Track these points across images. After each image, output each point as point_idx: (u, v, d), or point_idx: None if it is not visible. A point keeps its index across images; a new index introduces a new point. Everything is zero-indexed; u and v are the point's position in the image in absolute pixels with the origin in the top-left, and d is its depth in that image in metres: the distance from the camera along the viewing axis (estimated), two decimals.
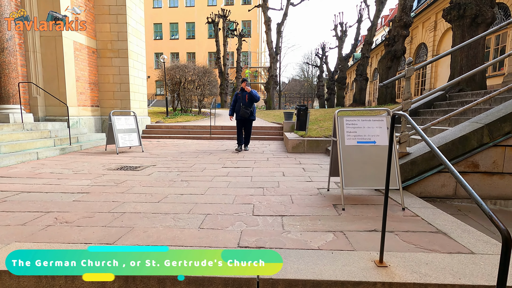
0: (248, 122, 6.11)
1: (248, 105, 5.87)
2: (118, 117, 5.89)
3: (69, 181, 3.49)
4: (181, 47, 34.52)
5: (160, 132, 8.91)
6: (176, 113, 14.95)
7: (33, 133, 5.60)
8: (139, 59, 8.71)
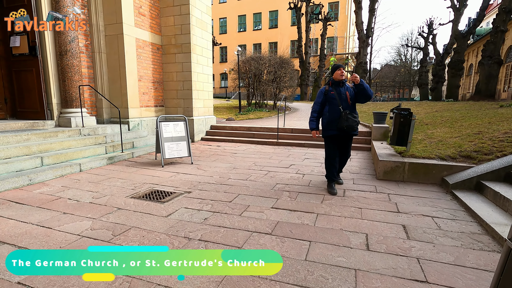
0: (349, 140, 3.70)
1: (352, 109, 3.52)
2: (166, 123, 5.10)
3: (69, 219, 2.69)
4: (263, 37, 33.84)
5: (223, 134, 8.05)
6: (250, 109, 14.10)
7: (87, 139, 5.34)
8: (204, 53, 7.93)
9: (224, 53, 35.89)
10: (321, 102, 3.64)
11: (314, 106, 3.70)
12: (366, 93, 3.45)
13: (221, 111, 14.55)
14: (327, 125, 3.57)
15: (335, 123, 3.49)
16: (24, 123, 5.27)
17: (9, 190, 3.55)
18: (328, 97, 3.57)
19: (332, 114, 3.51)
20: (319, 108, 3.66)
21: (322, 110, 3.66)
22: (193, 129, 7.57)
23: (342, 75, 3.49)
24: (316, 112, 3.68)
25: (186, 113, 7.62)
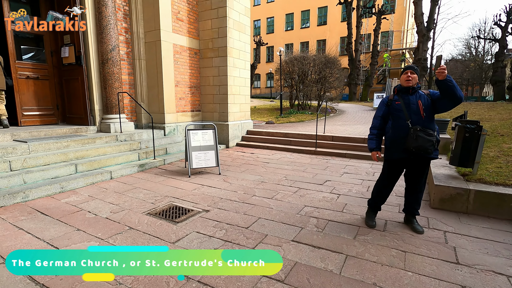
0: (422, 166, 2.73)
1: (427, 123, 2.58)
2: (194, 132, 4.94)
3: (78, 239, 2.58)
4: (311, 35, 32.71)
5: (258, 140, 7.71)
6: (292, 111, 13.56)
7: (122, 145, 5.46)
8: (242, 56, 7.69)
9: (271, 53, 35.64)
10: (382, 115, 2.78)
11: (374, 121, 2.87)
12: (454, 95, 2.39)
13: (262, 113, 14.27)
14: (391, 146, 2.71)
15: (400, 143, 2.60)
16: (69, 129, 5.60)
17: (41, 197, 3.69)
18: (392, 108, 2.69)
19: (397, 131, 2.64)
20: (380, 123, 2.81)
21: (384, 126, 2.81)
22: (228, 135, 7.38)
23: (409, 80, 2.59)
24: (376, 128, 2.84)
25: (221, 118, 7.47)
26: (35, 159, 4.18)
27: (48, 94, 6.24)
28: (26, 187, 3.68)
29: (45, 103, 6.22)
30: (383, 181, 2.89)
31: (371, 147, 2.86)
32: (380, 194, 2.93)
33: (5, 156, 4.08)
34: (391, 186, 2.88)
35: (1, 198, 3.35)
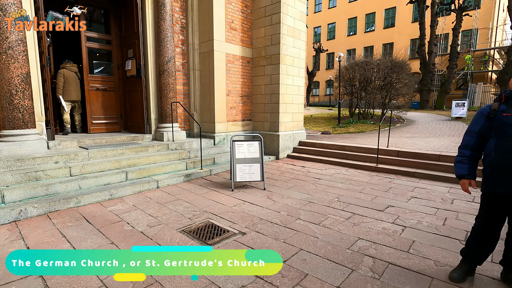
0: None
1: None
2: (240, 143, 4.70)
3: None
4: (376, 39, 30.50)
5: (311, 152, 7.14)
6: (351, 120, 12.55)
7: (172, 154, 5.54)
8: (295, 63, 7.29)
9: (331, 60, 34.36)
10: (480, 131, 2.06)
11: (466, 139, 2.14)
12: None
13: (318, 123, 13.55)
14: (493, 175, 1.96)
15: (509, 171, 1.88)
16: (127, 137, 5.94)
17: (91, 204, 3.84)
18: (497, 122, 1.96)
19: (505, 155, 1.88)
20: (476, 141, 2.08)
21: (483, 146, 2.07)
22: (278, 146, 7.02)
23: None
24: (469, 148, 2.11)
25: (272, 128, 7.16)
26: (92, 166, 4.44)
27: (113, 104, 6.79)
28: (80, 192, 3.88)
29: (111, 112, 6.77)
30: (483, 223, 2.09)
31: (461, 173, 2.11)
32: (479, 242, 2.12)
33: (68, 162, 4.43)
34: (493, 232, 2.06)
35: (57, 202, 3.56)
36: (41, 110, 4.73)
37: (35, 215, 3.39)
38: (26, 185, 3.71)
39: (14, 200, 3.48)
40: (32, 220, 3.29)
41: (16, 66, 4.15)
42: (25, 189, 3.58)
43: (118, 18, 6.63)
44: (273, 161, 6.93)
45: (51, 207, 3.51)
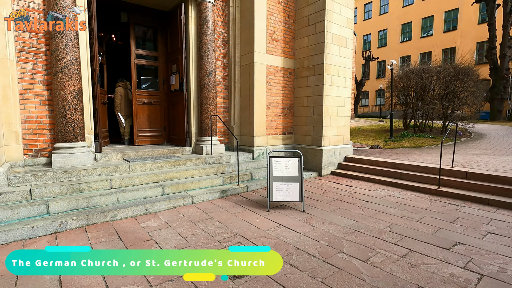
0: None
1: None
2: (277, 160, 4.38)
3: (126, 282, 2.37)
4: (434, 44, 27.95)
5: (358, 169, 6.48)
6: (406, 133, 11.39)
7: (210, 168, 5.44)
8: (341, 73, 6.79)
9: (382, 68, 32.42)
10: None
11: None
12: None
13: (367, 135, 12.57)
14: None
15: None
16: (168, 150, 6.03)
17: (127, 218, 3.84)
18: None
19: None
20: None
21: None
22: (321, 161, 6.51)
23: None
24: None
25: (314, 142, 6.70)
26: (131, 179, 4.51)
27: (158, 118, 7.03)
28: (117, 206, 3.91)
29: (155, 125, 7.01)
30: None
31: None
32: None
33: (110, 174, 4.57)
34: None
35: (95, 215, 3.61)
36: (90, 124, 5.01)
37: (74, 227, 3.46)
38: (69, 196, 3.86)
39: (58, 211, 3.62)
40: (70, 233, 3.36)
41: (69, 83, 4.46)
42: (68, 201, 3.71)
43: (165, 35, 6.93)
44: (315, 178, 6.44)
45: (89, 220, 3.57)
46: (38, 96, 4.53)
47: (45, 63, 4.53)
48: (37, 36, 4.46)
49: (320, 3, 6.35)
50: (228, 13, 6.66)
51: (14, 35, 4.25)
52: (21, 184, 3.88)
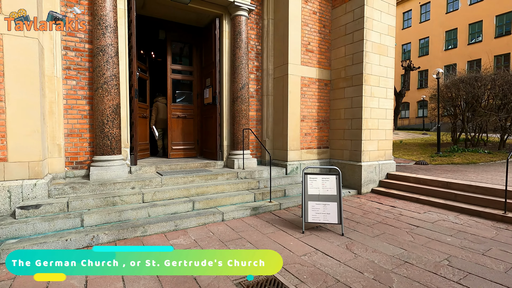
0: None
1: None
2: (313, 176, 4.05)
3: None
4: (484, 51, 25.73)
5: (403, 188, 5.87)
6: (455, 148, 10.35)
7: (241, 183, 5.26)
8: (382, 83, 6.33)
9: (424, 78, 30.49)
10: None
11: None
12: None
13: (410, 150, 11.63)
14: None
15: None
16: (200, 163, 5.98)
17: (156, 234, 3.75)
18: None
19: None
20: None
21: None
22: (360, 178, 6.02)
23: None
24: None
25: (353, 157, 6.24)
26: (163, 193, 4.46)
27: (191, 131, 7.08)
28: (148, 221, 3.85)
29: (189, 138, 7.06)
30: None
31: None
32: None
33: (143, 188, 4.57)
34: None
35: (125, 230, 3.57)
36: (127, 137, 5.12)
37: (105, 242, 3.44)
38: (103, 209, 3.89)
39: (91, 225, 3.64)
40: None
41: (108, 98, 4.61)
42: (102, 214, 3.73)
43: (200, 50, 7.05)
44: (353, 196, 5.95)
45: (120, 234, 3.53)
46: (80, 111, 4.73)
47: (88, 80, 4.75)
48: (81, 55, 4.71)
49: (358, 11, 6.04)
50: (262, 25, 6.60)
51: (61, 54, 4.53)
52: (60, 195, 4.00)
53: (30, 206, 3.58)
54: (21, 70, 3.67)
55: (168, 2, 5.54)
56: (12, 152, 3.65)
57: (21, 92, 3.68)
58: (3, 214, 3.61)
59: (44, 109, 4.12)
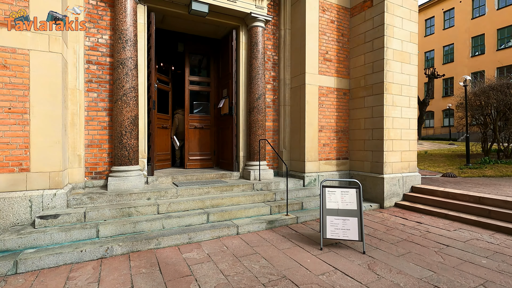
0: None
1: None
2: (332, 190, 3.87)
3: None
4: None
5: (429, 202, 5.50)
6: (486, 159, 9.71)
7: (257, 195, 5.13)
8: (404, 92, 6.06)
9: (449, 86, 29.29)
10: None
11: None
12: None
13: (436, 161, 11.03)
14: None
15: None
16: (216, 174, 5.93)
17: (170, 247, 3.69)
18: None
19: None
20: None
21: None
22: (382, 191, 5.72)
23: None
24: None
25: (374, 168, 5.96)
26: (178, 204, 4.43)
27: (208, 141, 7.09)
28: (162, 233, 3.81)
29: (205, 149, 7.07)
30: None
31: None
32: None
33: (158, 199, 4.56)
34: None
35: (139, 242, 3.54)
36: (144, 148, 5.18)
37: (119, 254, 3.42)
38: (119, 220, 3.90)
39: (106, 236, 3.64)
40: (115, 260, 3.30)
41: (127, 110, 4.70)
42: (117, 225, 3.73)
43: (217, 62, 7.12)
44: (375, 210, 5.64)
45: (134, 246, 3.50)
46: (101, 122, 4.86)
47: (108, 92, 4.89)
48: (103, 68, 4.86)
49: (378, 18, 5.87)
50: (279, 35, 6.59)
51: (84, 68, 4.70)
52: (78, 206, 4.06)
53: (49, 216, 3.65)
54: (45, 84, 3.82)
55: (186, 16, 5.65)
56: (34, 163, 3.77)
57: (45, 105, 3.81)
58: (24, 223, 3.70)
59: (66, 121, 4.25)
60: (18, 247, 3.25)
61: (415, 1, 6.27)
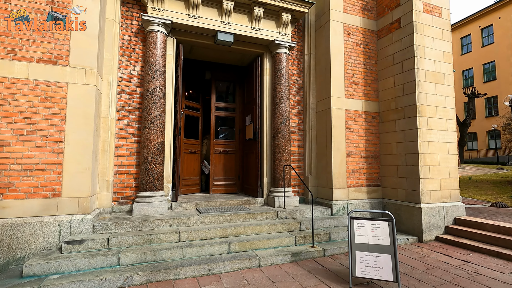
0: None
1: None
2: (361, 222, 3.56)
3: None
4: None
5: (477, 237, 4.87)
6: None
7: (281, 224, 4.90)
8: (440, 114, 5.65)
9: (492, 105, 27.22)
10: None
11: None
12: None
13: (483, 188, 9.98)
14: None
15: None
16: (239, 200, 5.81)
17: (188, 278, 3.57)
18: None
19: None
20: None
21: None
22: (420, 223, 5.20)
23: None
24: None
25: (409, 197, 5.48)
26: (199, 232, 4.34)
27: (233, 166, 7.07)
28: (181, 263, 3.71)
29: (230, 174, 7.04)
30: None
31: None
32: None
33: (180, 225, 4.52)
34: None
35: (159, 271, 3.47)
36: (170, 173, 5.26)
37: (137, 284, 3.36)
38: (140, 248, 3.88)
39: (127, 263, 3.62)
40: None
41: (154, 136, 4.85)
42: (138, 253, 3.71)
43: (241, 88, 7.25)
44: (413, 244, 5.11)
45: (153, 276, 3.43)
46: (129, 148, 5.04)
47: (137, 119, 5.11)
48: (133, 97, 5.13)
49: (407, 40, 5.67)
50: (303, 60, 6.59)
51: (116, 97, 4.99)
52: (103, 231, 4.13)
53: (75, 241, 3.73)
54: (80, 114, 4.08)
55: (212, 46, 5.88)
56: (65, 188, 3.94)
57: (78, 133, 4.05)
58: (52, 248, 3.81)
59: (97, 148, 4.46)
60: (44, 272, 3.32)
61: (447, 20, 6.00)
